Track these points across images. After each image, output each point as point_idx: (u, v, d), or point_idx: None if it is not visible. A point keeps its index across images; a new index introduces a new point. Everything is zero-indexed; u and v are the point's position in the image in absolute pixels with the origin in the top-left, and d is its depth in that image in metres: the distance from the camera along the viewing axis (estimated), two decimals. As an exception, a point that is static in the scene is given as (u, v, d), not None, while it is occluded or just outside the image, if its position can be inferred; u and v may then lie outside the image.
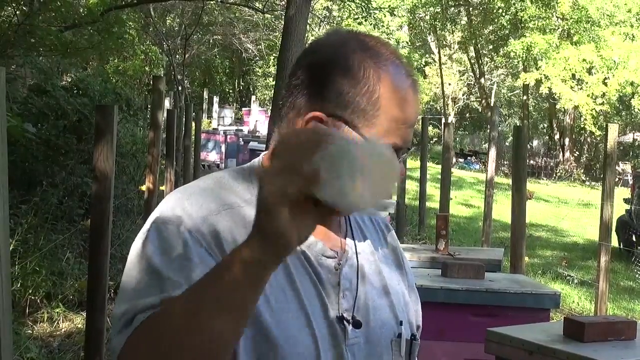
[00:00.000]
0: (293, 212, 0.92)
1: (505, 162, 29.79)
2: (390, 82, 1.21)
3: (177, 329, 0.96)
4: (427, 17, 35.25)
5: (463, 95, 39.92)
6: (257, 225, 0.95)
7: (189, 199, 1.18)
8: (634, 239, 11.88)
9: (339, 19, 27.34)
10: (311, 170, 0.90)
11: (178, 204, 1.18)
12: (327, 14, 28.58)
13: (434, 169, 19.63)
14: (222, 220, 1.16)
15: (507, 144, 32.18)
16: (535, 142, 38.52)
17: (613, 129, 6.54)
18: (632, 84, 26.93)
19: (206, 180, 1.25)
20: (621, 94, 28.67)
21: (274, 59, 29.41)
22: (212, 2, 22.03)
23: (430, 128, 29.85)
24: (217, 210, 1.03)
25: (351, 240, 1.32)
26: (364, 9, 19.75)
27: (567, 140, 33.90)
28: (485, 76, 36.28)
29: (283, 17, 11.79)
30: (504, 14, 30.57)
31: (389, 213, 6.74)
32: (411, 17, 34.66)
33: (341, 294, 1.25)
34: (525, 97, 35.33)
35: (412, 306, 1.41)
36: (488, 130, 13.82)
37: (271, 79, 31.49)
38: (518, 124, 26.19)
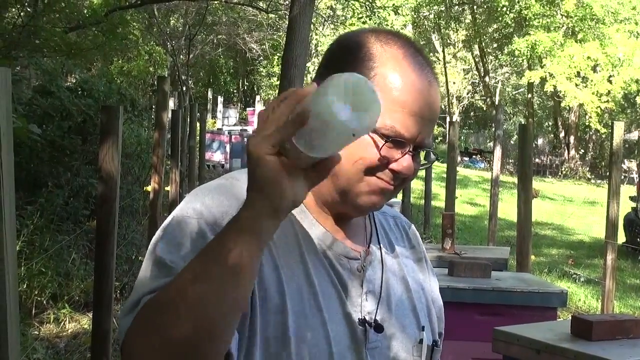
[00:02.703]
0: (282, 166, 0.94)
1: (510, 161, 29.78)
2: (392, 63, 1.20)
3: (182, 295, 0.95)
4: (431, 16, 35.24)
5: (467, 93, 39.88)
6: (249, 177, 0.96)
7: (210, 195, 1.18)
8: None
9: (343, 18, 27.33)
10: (293, 115, 0.92)
11: (198, 200, 1.18)
12: (331, 14, 28.56)
13: (439, 167, 19.61)
14: None
15: (512, 142, 32.16)
16: (540, 140, 38.45)
17: (619, 127, 6.51)
18: (637, 81, 26.89)
19: (225, 179, 1.25)
20: (626, 92, 28.62)
21: (278, 59, 29.38)
22: (215, 2, 22.04)
23: (434, 127, 29.80)
24: (237, 206, 1.03)
25: (376, 244, 1.32)
26: (368, 8, 19.75)
27: (572, 138, 33.85)
28: (490, 74, 36.23)
29: (287, 16, 11.79)
30: (508, 12, 30.53)
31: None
32: (415, 16, 34.64)
33: (363, 296, 1.24)
34: (530, 95, 35.27)
35: (434, 312, 1.41)
36: (493, 129, 13.79)
37: (275, 78, 31.48)
38: (523, 122, 26.17)
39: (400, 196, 10.75)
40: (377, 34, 1.24)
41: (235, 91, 41.95)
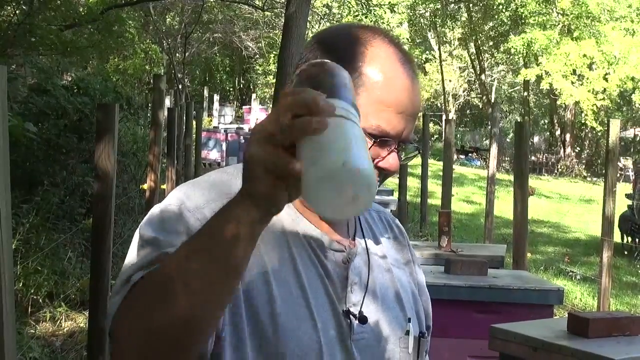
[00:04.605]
0: (279, 178, 0.88)
1: (506, 159, 29.78)
2: (377, 63, 1.21)
3: (170, 279, 0.95)
4: (427, 14, 35.27)
5: (464, 91, 39.92)
6: (244, 186, 0.92)
7: (193, 187, 1.21)
8: (636, 237, 11.88)
9: (339, 16, 27.32)
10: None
11: (181, 191, 1.21)
12: (327, 12, 28.56)
13: (435, 165, 19.64)
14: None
15: (508, 140, 32.19)
16: (536, 138, 38.49)
17: (615, 125, 6.51)
18: (632, 79, 26.93)
19: (212, 174, 1.27)
20: (622, 89, 28.67)
21: (274, 57, 29.39)
22: (211, 0, 22.02)
23: (431, 125, 29.83)
24: (219, 198, 1.01)
25: (361, 237, 1.32)
26: (364, 6, 19.75)
27: (568, 136, 33.89)
28: (486, 72, 36.27)
29: (283, 14, 11.78)
30: (504, 10, 30.58)
31: (390, 210, 6.73)
32: (411, 14, 34.66)
33: (349, 287, 1.25)
34: (526, 93, 35.31)
35: (421, 304, 1.41)
36: (489, 127, 13.82)
37: (271, 76, 31.48)
38: (519, 120, 26.19)
39: (396, 194, 10.76)
40: (357, 32, 1.25)
41: (231, 89, 41.92)
